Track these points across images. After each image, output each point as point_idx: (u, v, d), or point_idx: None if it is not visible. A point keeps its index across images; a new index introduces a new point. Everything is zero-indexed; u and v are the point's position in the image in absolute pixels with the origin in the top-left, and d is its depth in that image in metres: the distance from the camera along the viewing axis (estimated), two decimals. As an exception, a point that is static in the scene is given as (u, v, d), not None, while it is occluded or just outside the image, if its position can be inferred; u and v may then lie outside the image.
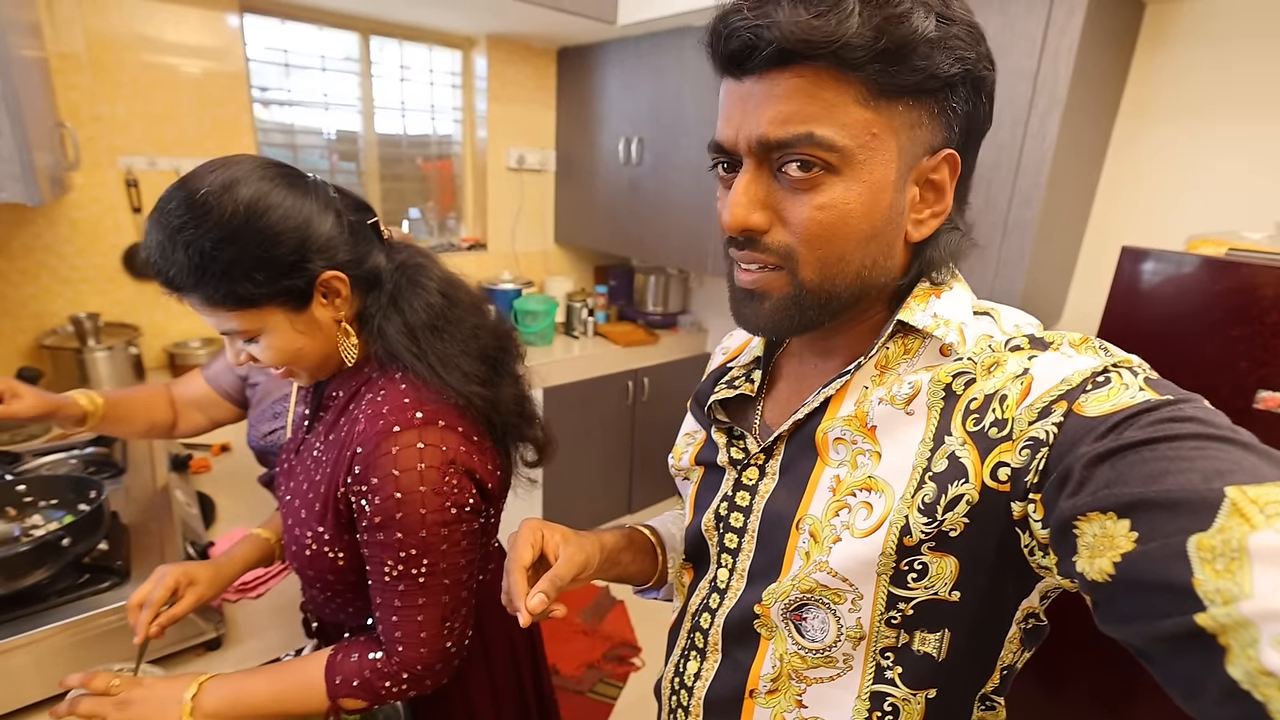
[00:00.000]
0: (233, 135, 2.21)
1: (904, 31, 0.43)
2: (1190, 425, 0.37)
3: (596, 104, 2.68)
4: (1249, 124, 1.53)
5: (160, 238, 0.67)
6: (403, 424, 0.74)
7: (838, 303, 0.52)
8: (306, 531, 0.80)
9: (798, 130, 0.46)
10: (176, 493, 1.27)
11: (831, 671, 0.56)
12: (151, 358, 2.16)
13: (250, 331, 0.73)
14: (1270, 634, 0.29)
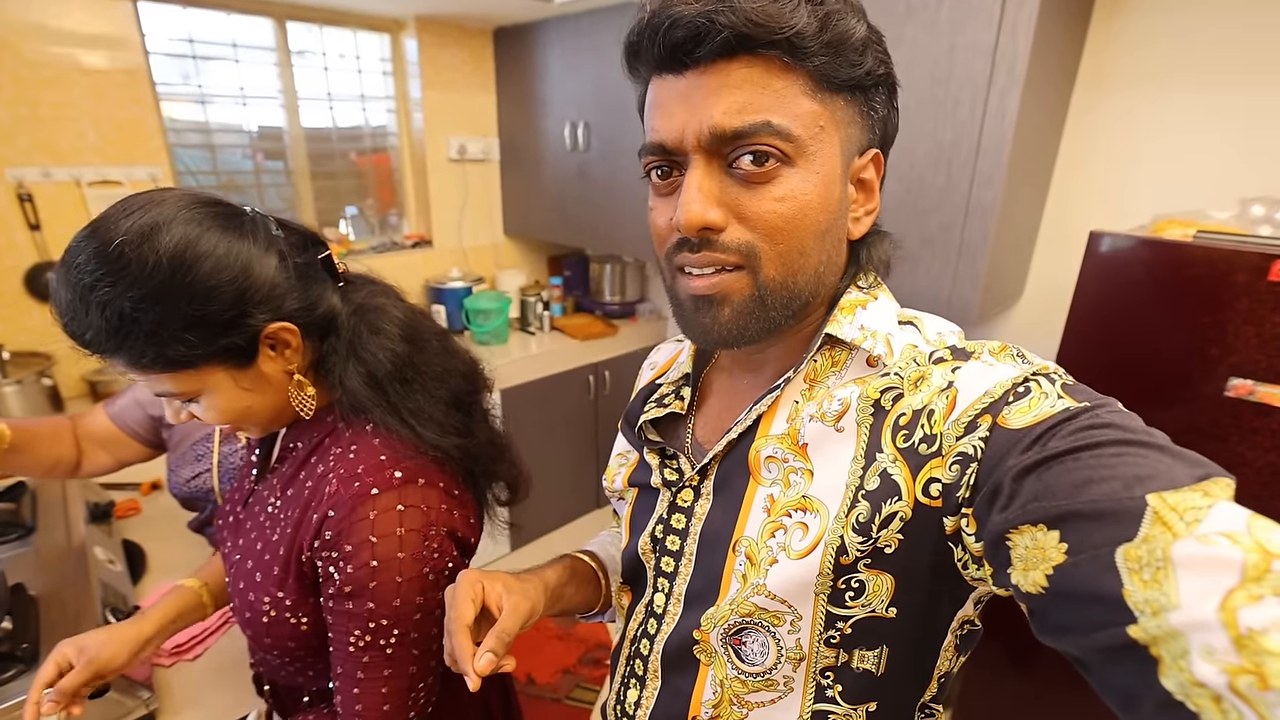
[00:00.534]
0: (139, 138, 2.02)
1: (843, 28, 0.45)
2: (1109, 431, 0.38)
3: (538, 87, 2.55)
4: (1209, 93, 1.51)
5: (69, 297, 0.57)
6: (381, 485, 0.67)
7: (798, 301, 0.51)
8: (263, 596, 0.72)
9: (754, 119, 0.45)
10: (95, 550, 1.15)
11: (773, 695, 0.56)
12: (69, 387, 1.98)
13: (189, 393, 0.65)
14: (1199, 644, 0.29)
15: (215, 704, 0.96)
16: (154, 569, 1.25)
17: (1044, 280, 1.86)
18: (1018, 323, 1.93)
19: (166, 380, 0.63)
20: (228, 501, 0.86)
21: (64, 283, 0.58)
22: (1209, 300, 1.14)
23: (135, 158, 2.02)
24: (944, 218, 1.57)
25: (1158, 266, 1.20)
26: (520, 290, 2.86)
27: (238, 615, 0.77)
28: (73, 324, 0.59)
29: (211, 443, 1.10)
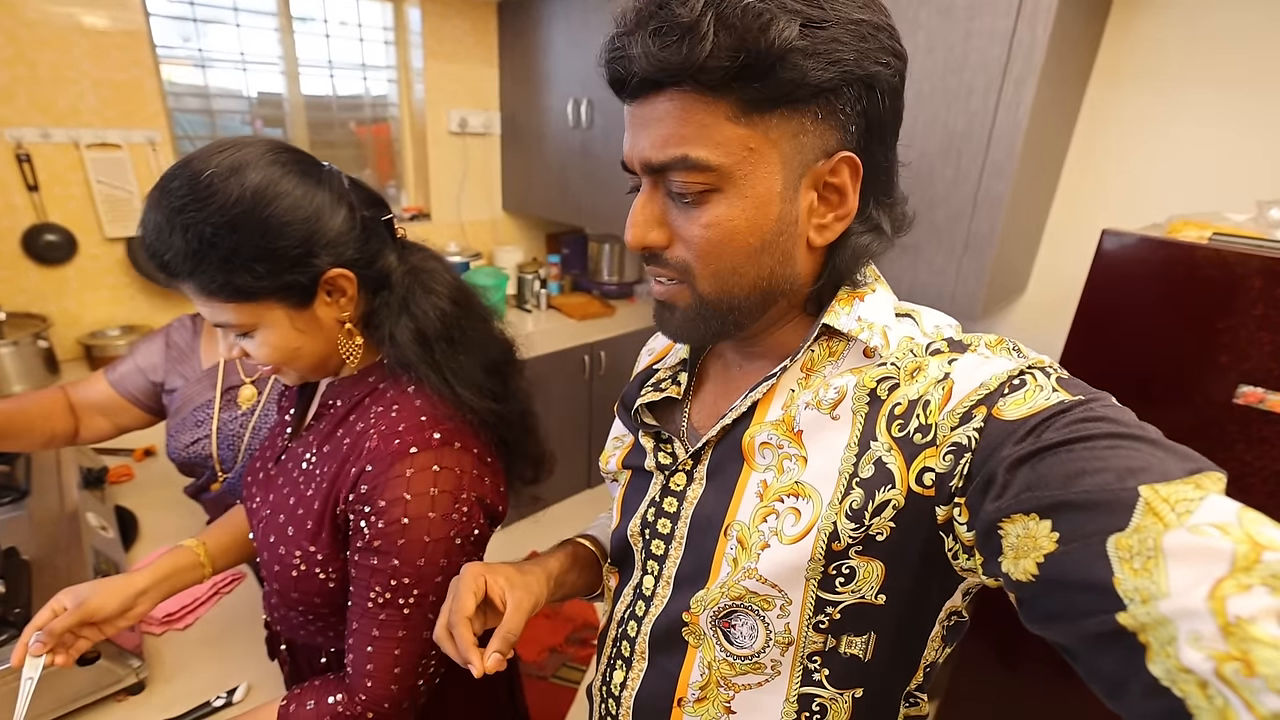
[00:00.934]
0: (138, 101, 1.99)
1: (763, 46, 0.42)
2: (1103, 425, 0.38)
3: (542, 62, 2.51)
4: (1228, 92, 1.49)
5: (158, 218, 0.62)
6: (419, 444, 0.70)
7: (740, 313, 0.53)
8: (294, 550, 0.74)
9: (674, 153, 0.47)
10: (88, 516, 1.14)
11: (760, 678, 0.57)
12: (64, 350, 1.98)
13: (246, 326, 0.68)
14: (1187, 631, 0.30)
15: (205, 674, 0.96)
16: (146, 536, 1.25)
17: (1049, 276, 1.85)
18: (1021, 318, 1.92)
19: (229, 309, 0.66)
20: (257, 458, 0.87)
21: (156, 206, 0.63)
22: (1222, 305, 1.12)
23: (134, 121, 1.99)
24: (951, 209, 1.56)
25: (1170, 268, 1.17)
26: (518, 267, 2.85)
27: (266, 569, 0.79)
28: (157, 244, 0.63)
29: (211, 409, 1.10)
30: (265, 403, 1.10)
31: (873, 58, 0.46)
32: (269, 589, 0.82)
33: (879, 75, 0.46)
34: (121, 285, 2.07)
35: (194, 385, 1.12)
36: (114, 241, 2.02)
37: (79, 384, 1.15)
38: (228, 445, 1.09)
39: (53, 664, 0.74)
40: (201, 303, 0.67)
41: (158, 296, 2.13)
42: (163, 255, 0.63)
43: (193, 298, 0.67)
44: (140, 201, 2.01)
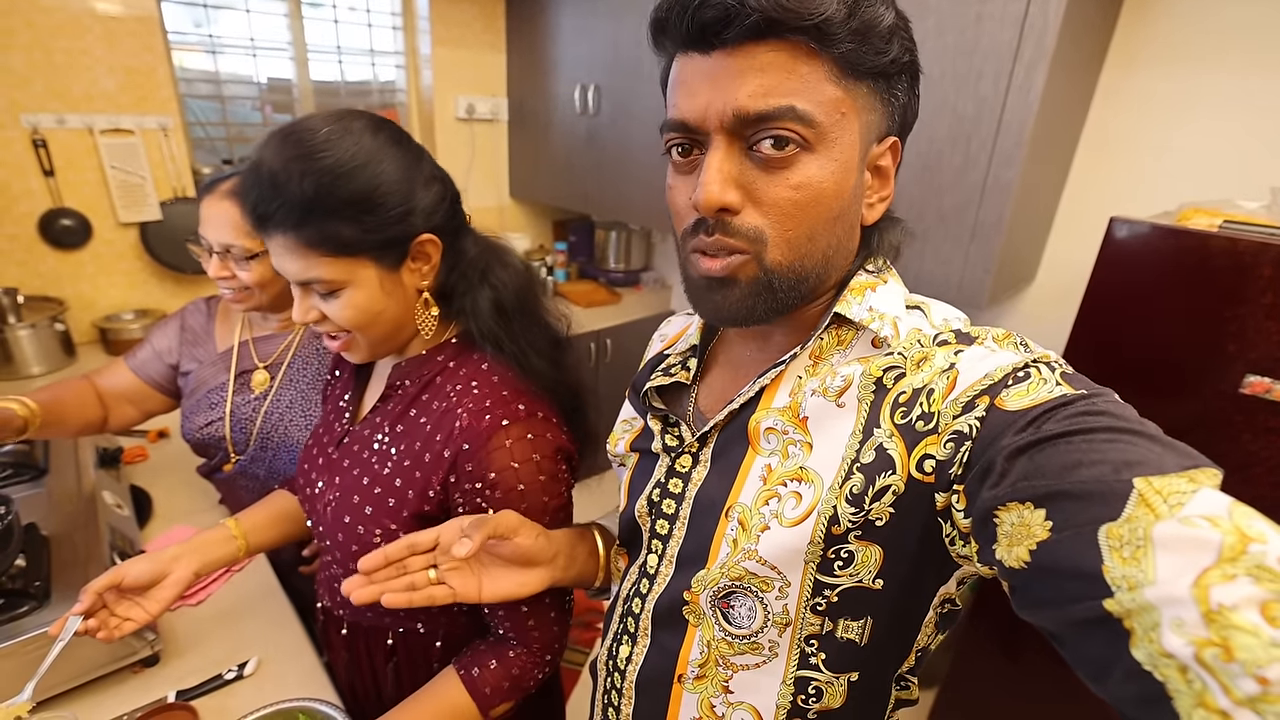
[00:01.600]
0: (150, 87, 2.01)
1: (871, 14, 0.45)
2: (1103, 419, 0.39)
3: (549, 48, 2.50)
4: (1243, 78, 1.47)
5: (274, 167, 0.65)
6: (510, 417, 0.73)
7: (806, 284, 0.52)
8: (375, 528, 0.76)
9: (779, 103, 0.45)
10: (104, 494, 1.17)
11: (758, 658, 0.58)
12: (80, 333, 2.01)
13: (336, 283, 0.70)
14: (1171, 618, 0.31)
15: (217, 648, 0.99)
16: (159, 514, 1.28)
17: (1058, 265, 1.83)
18: (1029, 307, 1.92)
19: (325, 264, 0.68)
20: (313, 445, 0.89)
21: (273, 153, 0.65)
22: (1231, 293, 1.11)
23: (147, 107, 2.01)
24: (959, 197, 1.55)
25: (1179, 256, 1.16)
26: (525, 254, 2.85)
27: (339, 549, 0.80)
28: (270, 191, 0.65)
29: (225, 392, 1.12)
30: (278, 388, 1.12)
31: (915, 54, 0.49)
32: (333, 572, 0.84)
33: (919, 76, 0.50)
34: (135, 270, 2.10)
35: (208, 368, 1.14)
36: (128, 226, 2.05)
37: (102, 372, 1.18)
38: (240, 428, 1.12)
39: (85, 631, 0.76)
40: (296, 257, 0.68)
41: (170, 281, 2.15)
42: (270, 205, 0.65)
43: (285, 254, 0.68)
44: (153, 187, 2.04)
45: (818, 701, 0.57)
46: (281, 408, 1.11)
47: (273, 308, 1.10)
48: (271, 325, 1.15)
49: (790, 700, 0.57)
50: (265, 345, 1.14)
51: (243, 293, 1.04)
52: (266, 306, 1.09)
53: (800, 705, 0.57)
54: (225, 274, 1.02)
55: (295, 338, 1.14)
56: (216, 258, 1.02)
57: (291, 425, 1.11)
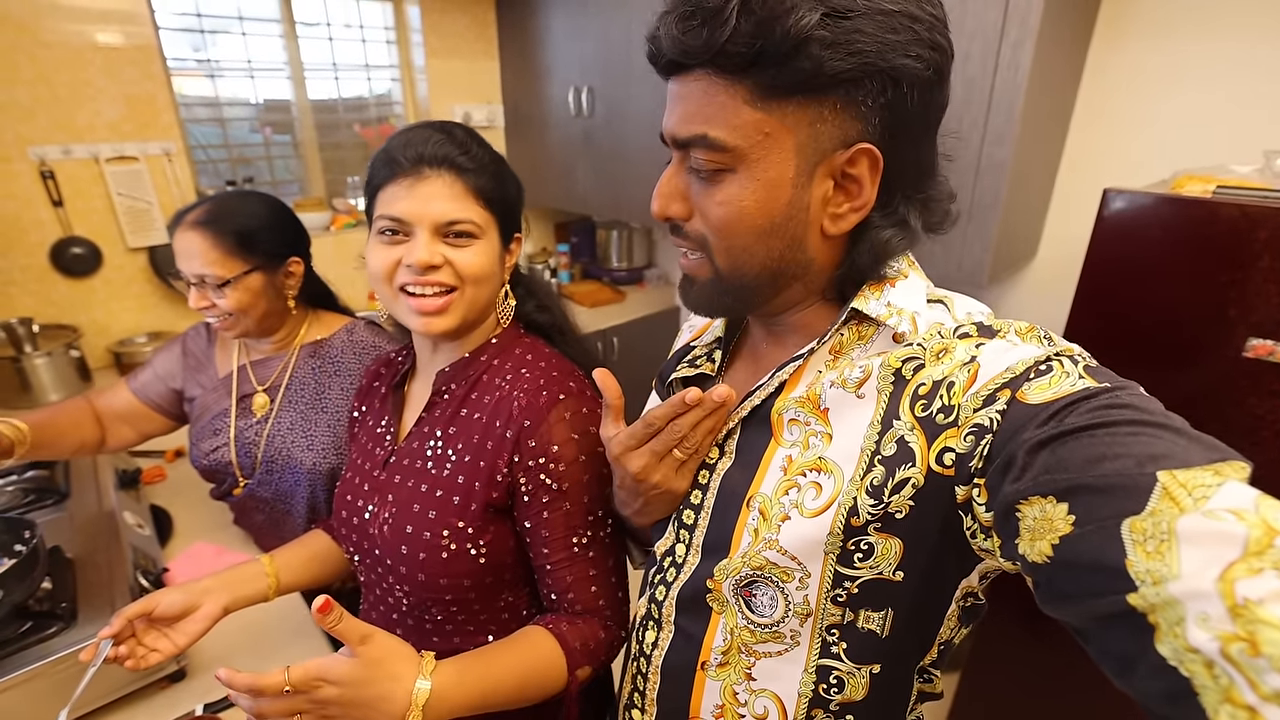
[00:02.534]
0: (152, 114, 2.04)
1: (780, 33, 0.44)
2: (1126, 412, 0.38)
3: (541, 53, 2.52)
4: (1232, 44, 1.46)
5: (461, 134, 0.76)
6: (565, 392, 0.77)
7: (751, 291, 0.55)
8: (442, 529, 0.77)
9: (695, 130, 0.50)
10: (125, 515, 1.20)
11: (780, 646, 0.58)
12: (95, 358, 2.05)
13: (481, 229, 0.76)
14: (1196, 612, 0.30)
15: (243, 662, 1.00)
16: (180, 533, 1.31)
17: (1058, 241, 1.82)
18: (1030, 284, 1.91)
19: (479, 209, 0.76)
20: (354, 477, 0.89)
21: (445, 128, 0.76)
22: (1228, 258, 1.10)
23: (149, 134, 2.05)
24: (953, 178, 1.53)
25: (1175, 224, 1.16)
26: (528, 257, 2.87)
27: (402, 564, 0.79)
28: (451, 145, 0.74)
29: (228, 417, 1.14)
30: (278, 410, 1.13)
31: (901, 50, 0.45)
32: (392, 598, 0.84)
33: (905, 69, 0.45)
34: (145, 294, 2.14)
35: (211, 394, 1.16)
36: (136, 251, 2.09)
37: (103, 393, 1.20)
38: (245, 453, 1.13)
39: (115, 657, 0.77)
40: (455, 195, 0.74)
41: (180, 303, 2.19)
42: (445, 151, 0.73)
43: (445, 191, 0.73)
44: (159, 211, 2.07)
45: (840, 692, 0.57)
46: (283, 429, 1.12)
47: (261, 331, 1.12)
48: (266, 347, 1.16)
49: (812, 689, 0.58)
50: (262, 368, 1.16)
51: (227, 319, 1.05)
52: (254, 331, 1.10)
53: (822, 695, 0.58)
54: (205, 303, 1.04)
55: (291, 359, 1.15)
56: (194, 289, 1.03)
57: (294, 446, 1.12)
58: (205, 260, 1.00)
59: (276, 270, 1.09)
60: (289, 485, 1.14)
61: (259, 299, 1.07)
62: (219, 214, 1.02)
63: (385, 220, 0.73)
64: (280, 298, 1.11)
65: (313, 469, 1.11)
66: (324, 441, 1.12)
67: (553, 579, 0.77)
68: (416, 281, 0.74)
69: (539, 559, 0.78)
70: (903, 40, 0.45)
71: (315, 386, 1.13)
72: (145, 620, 0.80)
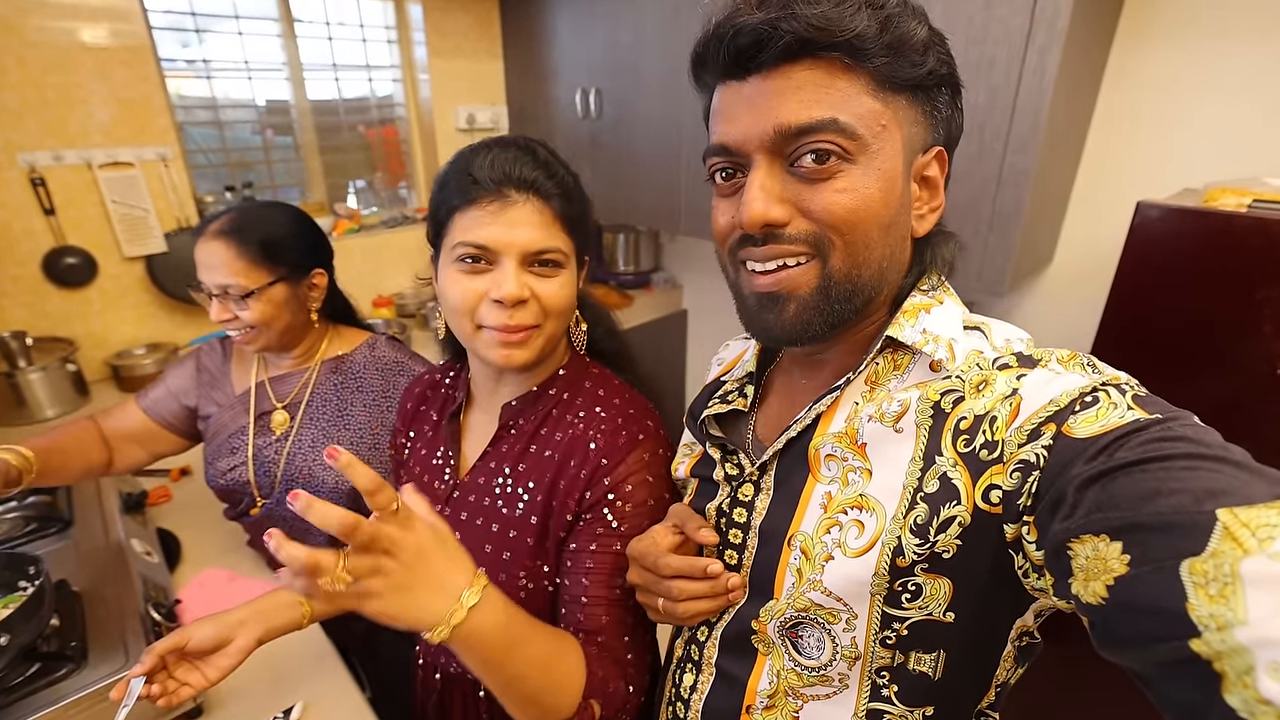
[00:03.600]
0: (147, 117, 1.98)
1: (903, 29, 0.46)
2: (1181, 445, 0.37)
3: (547, 54, 2.47)
4: (1260, 48, 1.43)
5: (544, 154, 0.72)
6: (645, 432, 0.76)
7: (861, 296, 0.52)
8: (519, 572, 0.76)
9: (822, 115, 0.47)
10: (133, 542, 1.15)
11: (828, 690, 0.56)
12: (92, 371, 2.00)
13: (566, 257, 0.73)
14: (1267, 661, 0.29)
15: (261, 695, 0.97)
16: (189, 558, 1.26)
17: (1076, 246, 1.80)
18: (1048, 289, 1.89)
19: (563, 237, 0.72)
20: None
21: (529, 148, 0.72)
22: (1265, 274, 1.09)
23: (144, 138, 1.99)
24: (974, 186, 1.52)
25: (1209, 238, 1.14)
26: (535, 262, 2.83)
27: None
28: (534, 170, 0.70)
29: (246, 435, 1.10)
30: (299, 428, 1.10)
31: (956, 69, 0.51)
32: None
33: (961, 88, 0.52)
34: (143, 304, 2.08)
35: (227, 411, 1.12)
36: (133, 260, 2.03)
37: (109, 412, 1.16)
38: (264, 471, 1.10)
39: (147, 695, 0.74)
40: (544, 222, 0.70)
41: (179, 313, 2.14)
42: (532, 175, 0.69)
43: (534, 218, 0.69)
44: (156, 219, 2.02)
45: None
46: (304, 447, 1.09)
47: (283, 345, 1.09)
48: (286, 363, 1.13)
49: None
50: (282, 385, 1.12)
51: (248, 332, 1.03)
52: (275, 345, 1.07)
53: None
54: (227, 316, 1.01)
55: (311, 375, 1.12)
56: (216, 300, 1.01)
57: (316, 465, 1.09)
58: (229, 271, 0.98)
59: (300, 282, 1.07)
60: None
61: (282, 311, 1.04)
62: (244, 223, 1.00)
63: (467, 247, 0.69)
64: (303, 310, 1.08)
65: (335, 488, 1.07)
66: None
67: (586, 613, 0.72)
68: (505, 326, 0.70)
69: (576, 588, 0.73)
70: (954, 61, 0.51)
71: (337, 403, 1.10)
72: (176, 654, 0.78)
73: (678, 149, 2.14)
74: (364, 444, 1.09)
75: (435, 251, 0.76)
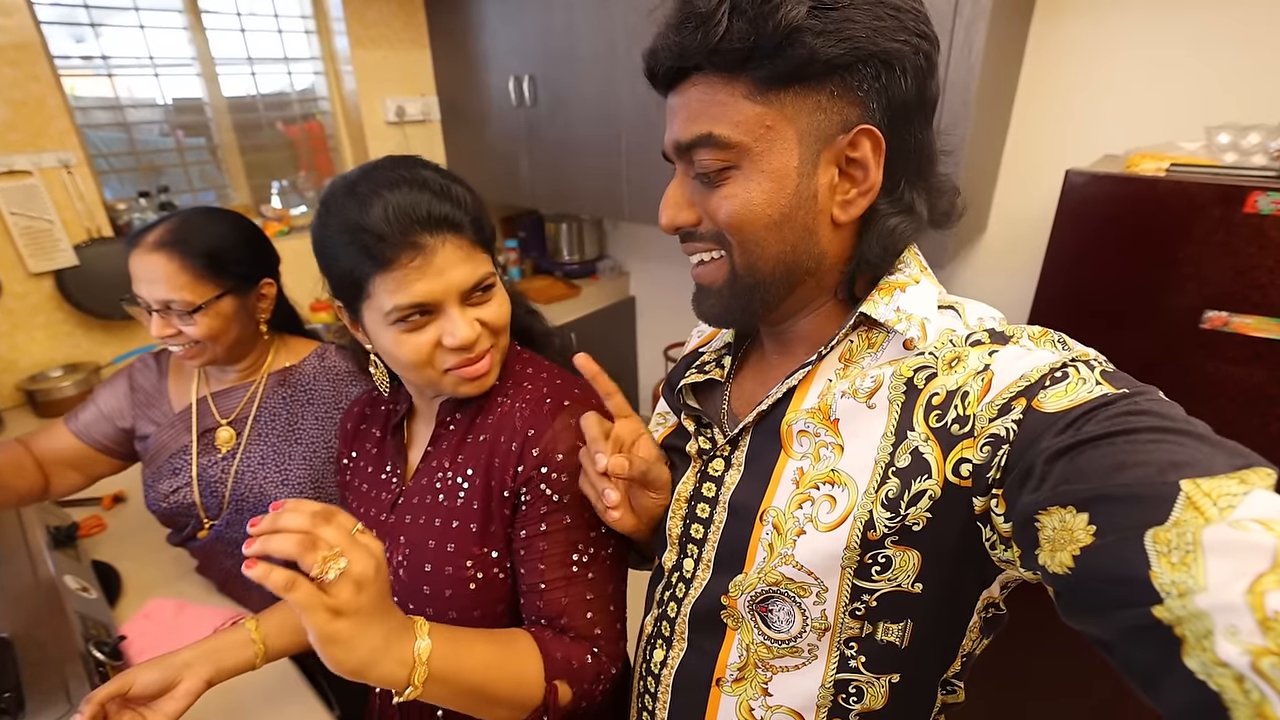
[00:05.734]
0: (41, 120, 1.83)
1: (772, 26, 0.45)
2: (1146, 419, 0.38)
3: (476, 41, 2.40)
4: (1162, 16, 1.51)
5: (441, 182, 0.67)
6: (570, 399, 0.75)
7: (767, 289, 0.55)
8: (465, 560, 0.73)
9: (698, 130, 0.51)
10: (66, 579, 1.08)
11: (797, 661, 0.57)
12: (4, 398, 1.85)
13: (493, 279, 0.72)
14: (1224, 625, 0.30)
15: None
16: (131, 589, 1.19)
17: (1007, 215, 1.87)
18: (983, 258, 1.96)
19: (487, 261, 0.71)
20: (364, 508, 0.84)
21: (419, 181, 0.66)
22: (1184, 233, 1.16)
23: (42, 143, 1.84)
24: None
25: (1133, 202, 1.20)
26: (477, 256, 2.77)
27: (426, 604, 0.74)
28: (436, 202, 0.66)
29: (188, 455, 1.04)
30: (246, 445, 1.04)
31: (889, 35, 0.47)
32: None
33: (896, 52, 0.47)
34: (56, 322, 1.93)
35: (167, 430, 1.05)
36: (40, 276, 1.88)
37: (38, 436, 1.08)
38: (210, 492, 1.04)
39: None
40: (468, 255, 0.68)
41: (98, 330, 2.00)
42: (440, 211, 0.65)
43: (458, 255, 0.67)
44: (63, 230, 1.88)
45: (859, 701, 0.57)
46: (253, 465, 1.03)
47: (229, 359, 1.03)
48: (230, 377, 1.07)
49: (830, 700, 0.57)
50: (226, 399, 1.06)
51: (194, 348, 0.96)
52: (222, 359, 1.01)
53: (841, 705, 0.57)
54: (170, 331, 0.94)
55: (258, 388, 1.06)
56: (157, 316, 0.93)
57: (266, 482, 1.03)
58: (172, 285, 0.91)
59: (249, 293, 1.00)
60: None
61: (231, 325, 0.98)
62: (185, 234, 0.93)
63: (403, 310, 0.65)
64: (252, 322, 1.03)
65: None
66: (299, 475, 1.03)
67: (545, 600, 0.71)
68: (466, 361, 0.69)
69: (532, 576, 0.72)
70: (890, 26, 0.47)
71: (287, 417, 1.05)
72: (119, 701, 0.72)
73: (617, 134, 2.11)
74: (318, 458, 1.04)
75: (349, 311, 0.73)
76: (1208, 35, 1.47)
